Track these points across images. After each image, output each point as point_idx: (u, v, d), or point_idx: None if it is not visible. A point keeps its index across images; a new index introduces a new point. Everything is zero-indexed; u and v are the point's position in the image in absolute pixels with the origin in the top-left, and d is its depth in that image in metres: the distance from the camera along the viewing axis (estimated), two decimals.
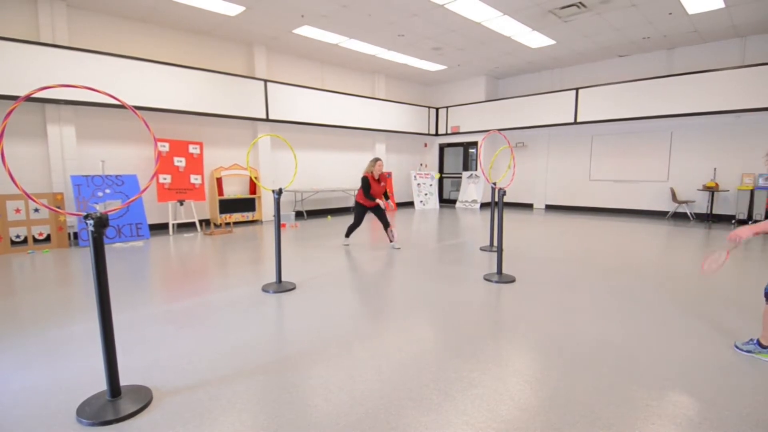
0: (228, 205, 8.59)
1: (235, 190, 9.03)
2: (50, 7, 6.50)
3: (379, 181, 6.04)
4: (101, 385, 2.17)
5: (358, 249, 6.30)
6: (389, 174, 12.15)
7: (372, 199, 5.89)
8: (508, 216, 9.95)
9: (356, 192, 11.21)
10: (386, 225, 6.12)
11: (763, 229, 2.31)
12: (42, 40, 6.39)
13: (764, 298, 2.48)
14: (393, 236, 6.16)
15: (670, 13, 7.40)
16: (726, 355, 2.63)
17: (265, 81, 8.87)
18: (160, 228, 7.94)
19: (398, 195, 12.70)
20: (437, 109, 13.11)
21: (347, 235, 6.37)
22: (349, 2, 6.85)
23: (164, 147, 7.61)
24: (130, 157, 7.53)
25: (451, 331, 3.06)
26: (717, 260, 2.66)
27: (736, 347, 2.65)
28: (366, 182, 5.93)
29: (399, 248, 6.12)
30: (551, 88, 11.34)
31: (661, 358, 2.59)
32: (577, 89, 10.18)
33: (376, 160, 6.01)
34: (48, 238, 6.39)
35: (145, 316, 3.39)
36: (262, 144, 9.19)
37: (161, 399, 2.15)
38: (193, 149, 7.99)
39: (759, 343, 2.49)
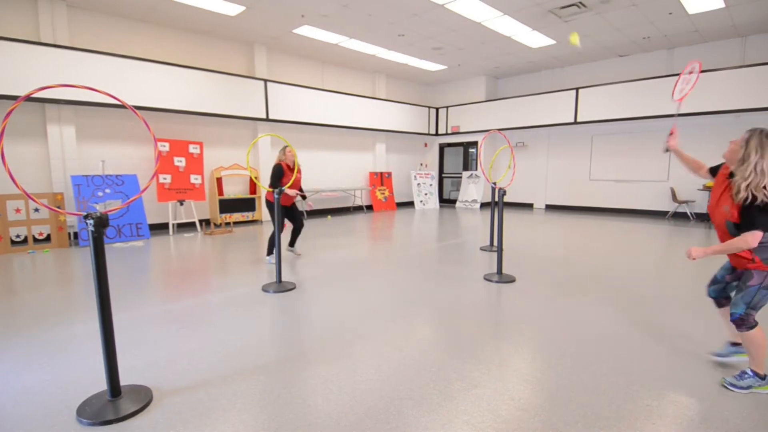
0: (228, 205, 8.59)
1: (235, 190, 9.02)
2: (50, 7, 6.50)
3: (292, 170, 5.09)
4: (101, 384, 2.17)
5: (357, 249, 6.30)
6: (389, 174, 12.14)
7: (278, 187, 4.74)
8: (508, 216, 9.95)
9: (356, 192, 11.41)
10: (300, 228, 5.42)
11: (717, 251, 2.14)
12: (42, 40, 6.39)
13: (738, 324, 2.18)
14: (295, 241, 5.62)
15: (671, 13, 7.40)
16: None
17: (266, 81, 8.86)
18: (160, 228, 7.94)
19: (398, 195, 12.70)
20: (437, 109, 13.11)
21: (270, 251, 5.17)
22: (349, 2, 6.85)
23: (164, 147, 7.61)
24: (130, 157, 7.53)
25: (451, 331, 3.06)
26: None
27: (730, 386, 2.22)
28: (279, 169, 4.96)
29: (299, 254, 5.66)
30: (551, 87, 11.33)
31: (661, 357, 2.59)
32: (577, 89, 10.18)
33: (285, 147, 5.11)
34: (48, 238, 6.39)
35: (145, 316, 3.39)
36: (262, 144, 9.19)
37: (161, 399, 2.15)
38: (194, 149, 7.99)
39: (755, 373, 2.18)
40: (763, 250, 2.08)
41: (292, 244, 5.65)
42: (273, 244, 5.12)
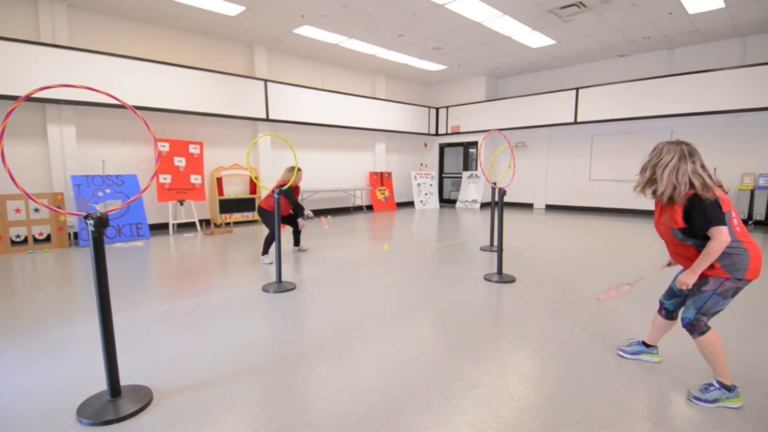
0: (228, 205, 8.59)
1: (235, 190, 9.02)
2: (50, 7, 6.50)
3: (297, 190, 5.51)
4: (101, 384, 2.17)
5: (357, 249, 6.30)
6: (389, 174, 12.14)
7: (295, 203, 5.23)
8: (508, 216, 9.94)
9: (356, 192, 11.39)
10: (298, 229, 5.76)
11: (701, 266, 2.01)
12: (42, 40, 6.39)
13: (689, 329, 2.15)
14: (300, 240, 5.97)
15: (671, 13, 7.39)
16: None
17: (266, 81, 8.86)
18: (160, 228, 7.94)
19: (398, 195, 12.70)
20: (437, 109, 13.11)
21: (265, 251, 5.36)
22: (349, 2, 6.85)
23: (164, 147, 7.61)
24: (130, 157, 7.53)
25: (451, 331, 3.06)
26: (620, 291, 2.55)
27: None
28: (292, 191, 5.23)
29: (306, 250, 5.96)
30: (551, 87, 11.33)
31: (660, 357, 2.59)
32: (577, 89, 10.17)
33: (299, 170, 5.10)
34: (48, 238, 6.39)
35: (145, 316, 3.39)
36: (262, 144, 9.19)
37: (161, 399, 2.15)
38: (194, 149, 7.99)
39: (722, 385, 2.08)
40: (723, 256, 2.00)
41: (296, 243, 5.93)
42: (269, 244, 5.32)
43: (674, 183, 2.00)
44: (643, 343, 2.52)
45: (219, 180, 8.54)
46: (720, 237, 1.94)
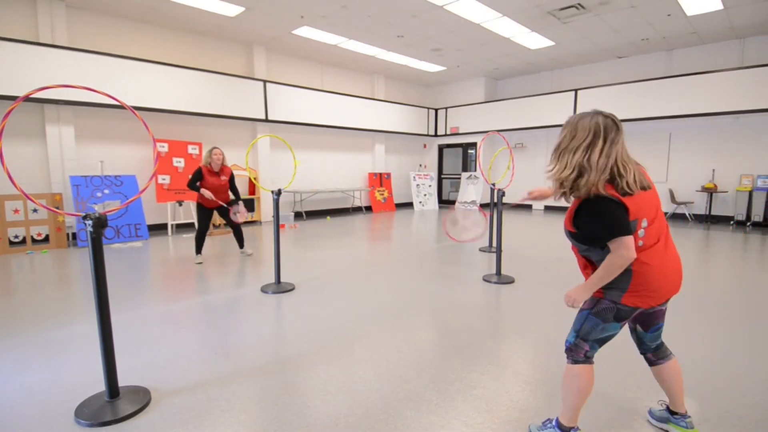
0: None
1: None
2: (49, 7, 6.49)
3: (218, 174, 5.19)
4: (100, 385, 2.17)
5: (356, 250, 6.30)
6: (388, 175, 12.14)
7: (198, 191, 5.07)
8: (507, 217, 9.95)
9: (355, 193, 11.41)
10: (237, 231, 5.51)
11: (599, 283, 1.59)
12: (41, 41, 6.38)
13: (566, 354, 1.79)
14: (242, 243, 5.63)
15: (669, 15, 7.41)
16: (723, 356, 2.63)
17: (265, 81, 8.87)
18: (159, 228, 7.93)
19: (397, 196, 12.70)
20: (436, 110, 13.12)
21: (198, 250, 5.34)
22: (348, 3, 6.85)
23: (163, 147, 7.60)
24: (129, 158, 7.52)
25: (450, 332, 3.06)
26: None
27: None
28: (197, 173, 5.05)
29: (251, 254, 5.55)
30: (550, 89, 11.35)
31: None
32: (576, 90, 10.19)
33: (213, 149, 5.15)
34: (46, 239, 6.38)
35: (143, 317, 3.38)
36: (261, 144, 9.19)
37: (160, 400, 2.15)
38: (192, 150, 7.98)
39: (558, 425, 1.77)
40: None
41: (240, 246, 5.68)
42: (200, 244, 5.35)
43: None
44: (558, 425, 1.79)
45: None
46: (627, 253, 1.52)
